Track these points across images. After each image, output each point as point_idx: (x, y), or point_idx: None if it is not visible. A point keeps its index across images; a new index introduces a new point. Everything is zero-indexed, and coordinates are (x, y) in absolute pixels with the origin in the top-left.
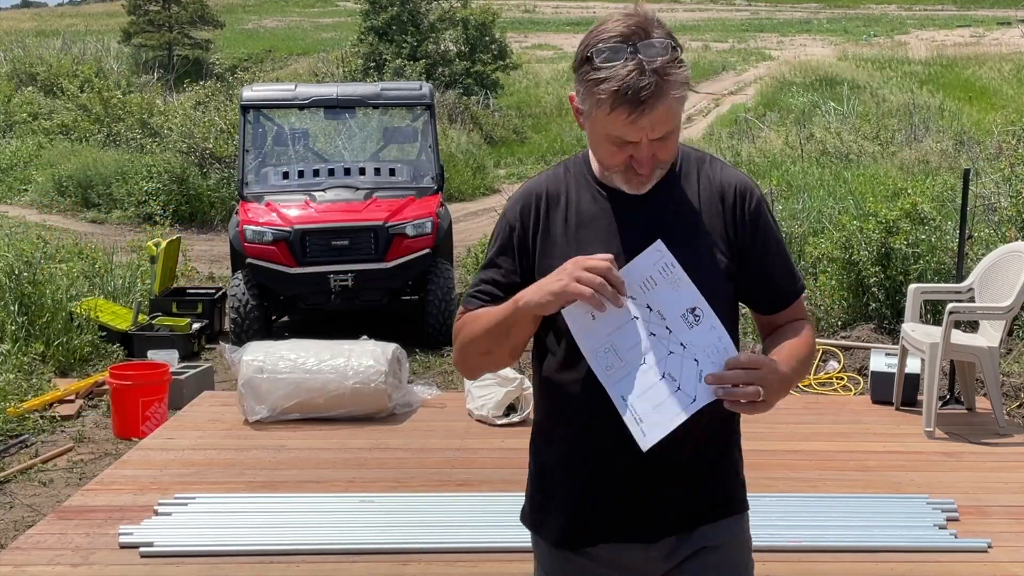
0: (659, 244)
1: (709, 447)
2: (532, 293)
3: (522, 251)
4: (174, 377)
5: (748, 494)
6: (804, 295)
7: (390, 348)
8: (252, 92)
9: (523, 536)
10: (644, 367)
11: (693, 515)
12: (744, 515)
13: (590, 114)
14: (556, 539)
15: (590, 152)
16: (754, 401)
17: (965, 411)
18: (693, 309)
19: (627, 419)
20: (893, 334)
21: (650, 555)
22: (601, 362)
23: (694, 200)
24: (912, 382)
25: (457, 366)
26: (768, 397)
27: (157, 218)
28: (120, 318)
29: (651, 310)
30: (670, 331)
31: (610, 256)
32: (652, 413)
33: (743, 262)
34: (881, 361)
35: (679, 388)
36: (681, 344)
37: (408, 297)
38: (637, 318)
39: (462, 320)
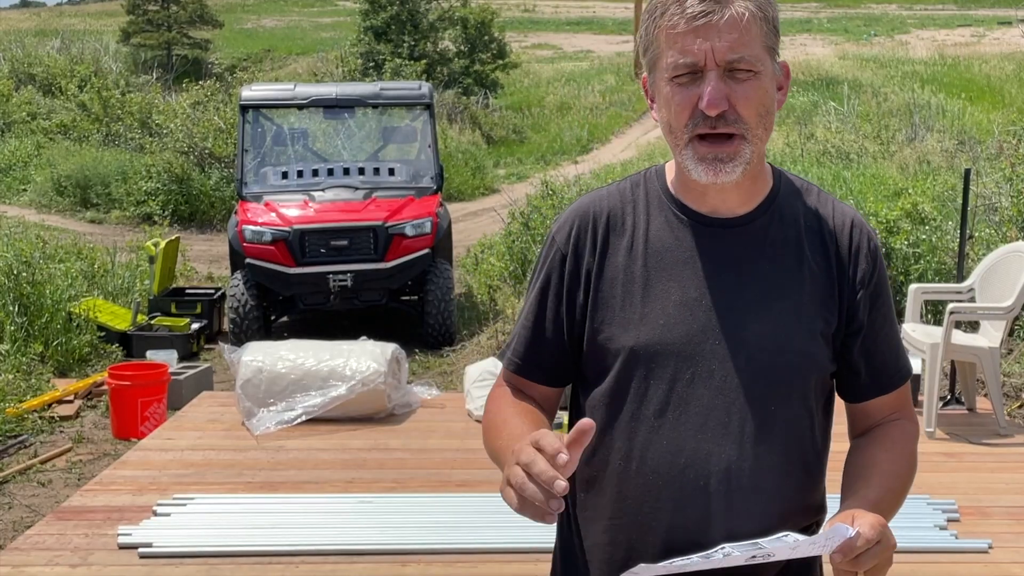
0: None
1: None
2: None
3: (572, 291)
4: (173, 377)
5: None
6: (908, 383)
7: (389, 348)
8: (251, 92)
9: (523, 536)
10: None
11: None
12: None
13: (654, 61)
14: None
15: (667, 167)
16: None
17: (966, 411)
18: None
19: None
20: None
21: None
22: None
23: (798, 235)
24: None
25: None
26: (878, 572)
27: (156, 218)
28: (119, 318)
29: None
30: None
31: (558, 447)
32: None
33: (850, 323)
34: None
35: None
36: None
37: (407, 297)
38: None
39: (492, 394)
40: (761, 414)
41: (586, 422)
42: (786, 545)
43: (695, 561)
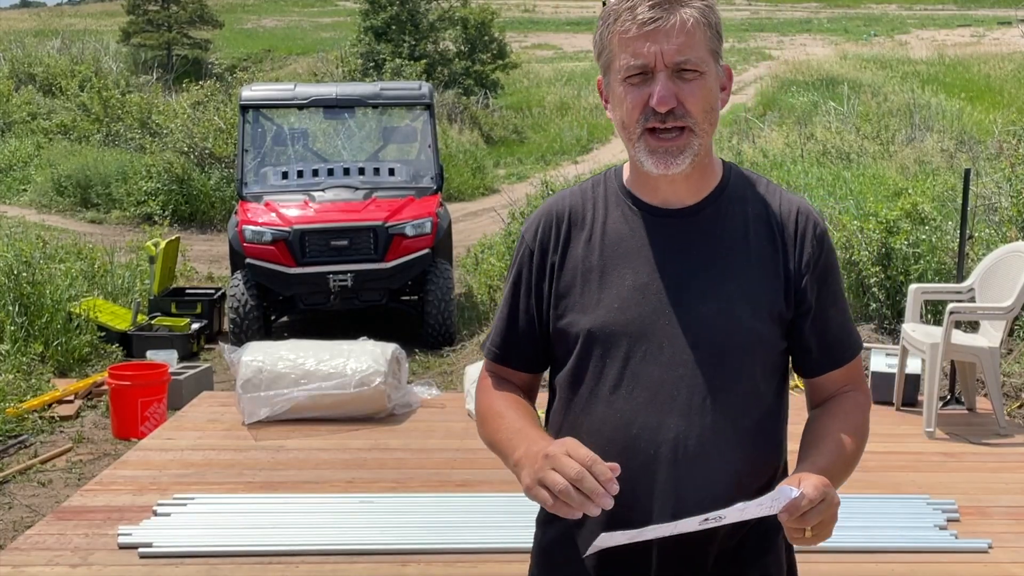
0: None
1: (748, 538)
2: (523, 469)
3: (539, 281)
4: (173, 377)
5: None
6: (859, 358)
7: (389, 348)
8: (251, 92)
9: (523, 536)
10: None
11: None
12: None
13: (608, 63)
14: None
15: (624, 166)
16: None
17: (966, 411)
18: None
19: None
20: (893, 334)
21: None
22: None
23: (745, 223)
24: (912, 382)
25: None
26: (823, 531)
27: (156, 218)
28: (119, 318)
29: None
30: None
31: (590, 456)
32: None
33: (798, 304)
34: (881, 361)
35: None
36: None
37: (408, 297)
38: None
39: (480, 385)
40: (709, 388)
41: (614, 467)
42: (735, 509)
43: (653, 529)
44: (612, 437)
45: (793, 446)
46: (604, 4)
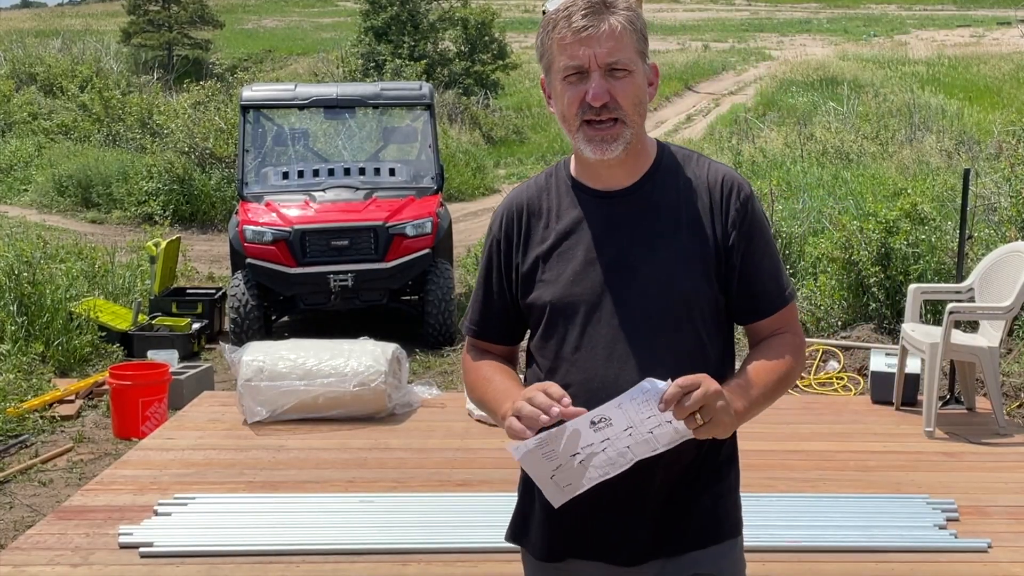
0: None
1: (701, 469)
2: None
3: (507, 266)
4: (174, 377)
5: (748, 494)
6: (792, 304)
7: (390, 348)
8: (252, 92)
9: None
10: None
11: (680, 539)
12: (738, 540)
13: (549, 65)
14: (539, 553)
15: (571, 158)
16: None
17: (965, 411)
18: (598, 420)
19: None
20: (893, 334)
21: None
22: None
23: (678, 196)
24: (912, 382)
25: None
26: (715, 428)
27: (157, 218)
28: (120, 318)
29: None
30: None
31: (559, 392)
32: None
33: (727, 261)
34: (881, 361)
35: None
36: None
37: (408, 297)
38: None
39: (465, 358)
40: (656, 341)
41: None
42: (612, 405)
43: (551, 433)
44: (576, 392)
45: None
46: (544, 13)
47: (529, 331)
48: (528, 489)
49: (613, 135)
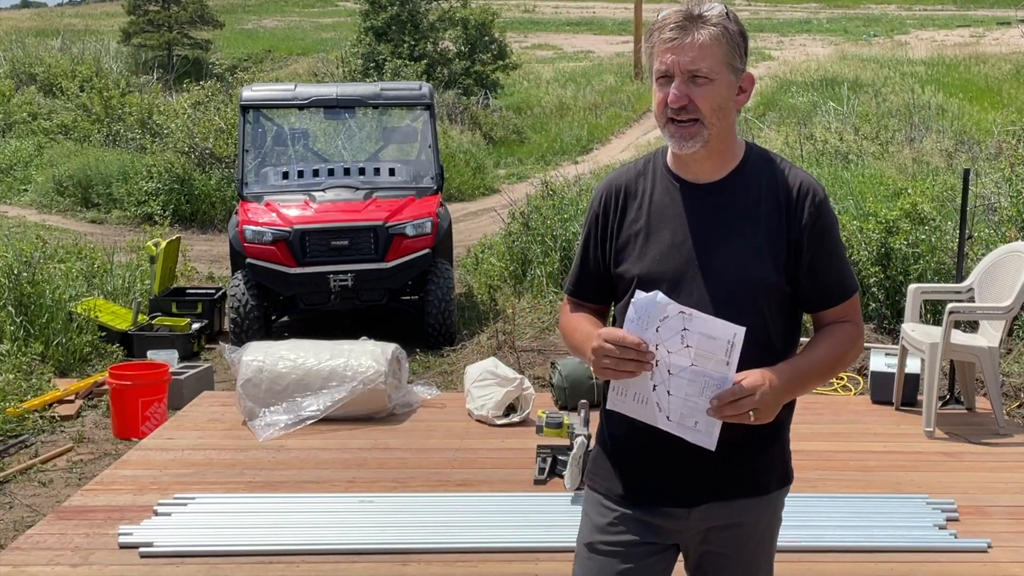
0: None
1: (760, 429)
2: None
3: (603, 238)
4: (174, 377)
5: None
6: (854, 297)
7: (390, 348)
8: (252, 92)
9: (523, 536)
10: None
11: (735, 486)
12: (784, 490)
13: (649, 66)
14: (612, 495)
15: (668, 149)
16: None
17: (965, 411)
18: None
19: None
20: (893, 334)
21: (689, 519)
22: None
23: (759, 193)
24: (912, 382)
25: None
26: (761, 416)
27: (157, 218)
28: (120, 318)
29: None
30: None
31: (620, 335)
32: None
33: (797, 257)
34: (881, 361)
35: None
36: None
37: (408, 297)
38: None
39: (563, 309)
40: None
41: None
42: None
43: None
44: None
45: None
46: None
47: (616, 296)
48: (606, 440)
49: (691, 133)
